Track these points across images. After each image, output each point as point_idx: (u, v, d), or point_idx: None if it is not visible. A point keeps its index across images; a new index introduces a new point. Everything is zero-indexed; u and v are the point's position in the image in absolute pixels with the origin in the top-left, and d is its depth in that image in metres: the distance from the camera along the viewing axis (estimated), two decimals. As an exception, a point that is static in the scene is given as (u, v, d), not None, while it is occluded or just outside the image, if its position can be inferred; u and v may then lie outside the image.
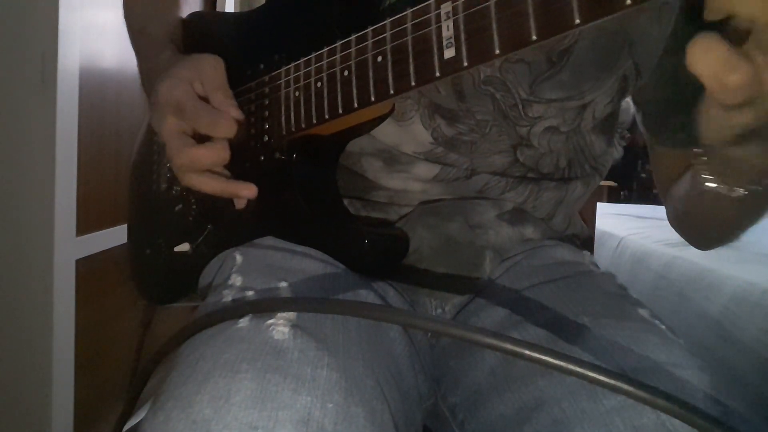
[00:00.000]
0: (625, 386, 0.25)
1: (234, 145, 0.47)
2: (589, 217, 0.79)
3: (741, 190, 0.37)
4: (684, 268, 1.50)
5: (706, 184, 0.39)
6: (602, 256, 1.92)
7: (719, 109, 0.29)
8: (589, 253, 0.58)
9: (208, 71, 0.48)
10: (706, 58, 0.25)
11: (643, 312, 0.44)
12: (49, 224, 1.08)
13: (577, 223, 0.63)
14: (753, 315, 1.22)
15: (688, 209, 0.49)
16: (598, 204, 0.86)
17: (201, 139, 0.47)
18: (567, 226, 0.60)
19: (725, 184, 0.38)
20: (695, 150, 0.39)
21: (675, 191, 0.53)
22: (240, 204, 0.51)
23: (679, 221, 0.54)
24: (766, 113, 0.27)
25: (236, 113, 0.48)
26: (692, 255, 1.50)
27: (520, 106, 0.50)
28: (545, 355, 0.26)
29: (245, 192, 0.48)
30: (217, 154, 0.47)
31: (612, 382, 0.25)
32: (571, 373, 0.26)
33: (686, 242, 0.55)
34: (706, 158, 0.38)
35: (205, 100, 0.48)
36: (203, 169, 0.48)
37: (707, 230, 0.51)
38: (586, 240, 0.63)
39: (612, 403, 0.33)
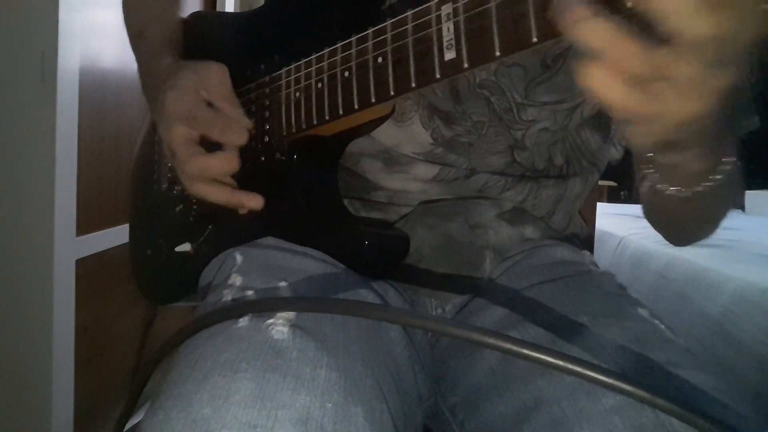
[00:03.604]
0: (625, 386, 0.25)
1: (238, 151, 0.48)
2: (589, 217, 0.79)
3: (685, 191, 0.38)
4: (684, 268, 1.50)
5: (653, 186, 0.40)
6: (602, 256, 1.92)
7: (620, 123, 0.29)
8: (588, 253, 0.58)
9: (214, 80, 0.48)
10: (597, 86, 0.25)
11: (642, 312, 0.44)
12: (49, 224, 1.08)
13: (577, 222, 0.63)
14: (753, 315, 1.22)
15: (649, 209, 0.50)
16: (598, 204, 0.86)
17: (209, 148, 0.48)
18: (567, 225, 0.60)
19: (670, 186, 0.39)
20: (643, 156, 0.40)
21: (641, 192, 0.54)
22: (243, 212, 0.51)
23: (648, 219, 0.55)
24: (663, 130, 0.28)
25: (246, 123, 0.48)
26: (692, 255, 1.50)
27: (515, 110, 0.50)
28: (545, 354, 0.26)
29: (251, 203, 0.49)
30: (228, 162, 0.47)
31: (611, 381, 0.25)
32: (570, 372, 0.26)
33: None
34: (651, 164, 0.39)
35: None
36: (212, 177, 0.48)
37: (671, 228, 0.52)
38: (586, 240, 0.63)
39: (611, 402, 0.33)
